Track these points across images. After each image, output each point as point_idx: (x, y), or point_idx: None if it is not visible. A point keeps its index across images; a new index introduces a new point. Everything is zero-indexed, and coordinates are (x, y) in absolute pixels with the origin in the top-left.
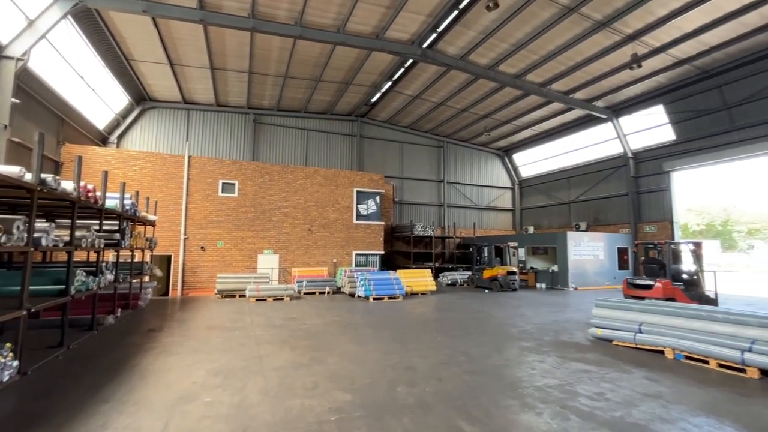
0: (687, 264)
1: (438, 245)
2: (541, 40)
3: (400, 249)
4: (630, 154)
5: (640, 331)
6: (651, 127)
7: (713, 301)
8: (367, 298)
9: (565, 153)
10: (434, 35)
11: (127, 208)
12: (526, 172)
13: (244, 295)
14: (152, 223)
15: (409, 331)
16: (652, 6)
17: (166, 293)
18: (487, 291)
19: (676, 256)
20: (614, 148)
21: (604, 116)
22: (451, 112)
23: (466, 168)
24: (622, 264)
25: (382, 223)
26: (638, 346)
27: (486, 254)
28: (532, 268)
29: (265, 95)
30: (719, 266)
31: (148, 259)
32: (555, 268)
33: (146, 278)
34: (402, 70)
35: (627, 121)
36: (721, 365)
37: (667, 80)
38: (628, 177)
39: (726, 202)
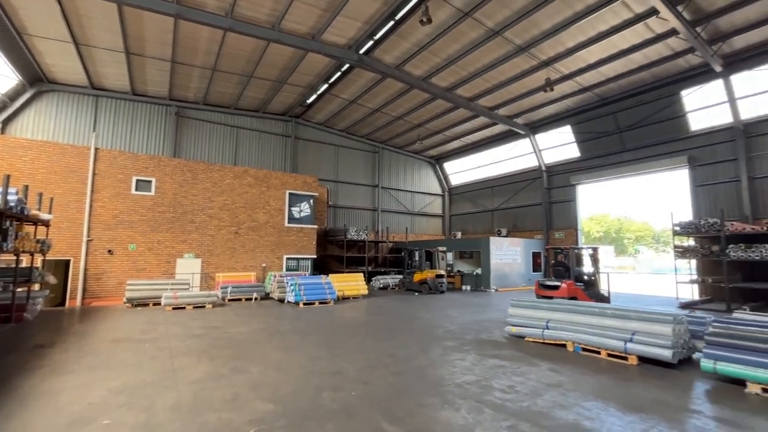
0: (587, 266)
1: (371, 249)
2: (469, 57)
3: (334, 253)
4: (544, 168)
5: (548, 328)
6: (561, 144)
7: (606, 299)
8: (297, 303)
9: (490, 164)
10: (371, 42)
11: (12, 204)
12: (455, 180)
13: (160, 304)
14: (46, 223)
15: (338, 336)
16: (563, 37)
17: (63, 303)
18: (416, 294)
19: (579, 260)
20: (531, 162)
21: (523, 132)
22: (386, 119)
23: (400, 174)
24: (536, 267)
25: (316, 226)
26: (545, 341)
27: (417, 258)
28: (458, 271)
29: (191, 87)
30: (612, 268)
31: (39, 264)
32: (479, 271)
33: (36, 286)
34: (339, 73)
35: (542, 138)
36: (609, 354)
37: (574, 104)
38: (542, 188)
39: (619, 213)
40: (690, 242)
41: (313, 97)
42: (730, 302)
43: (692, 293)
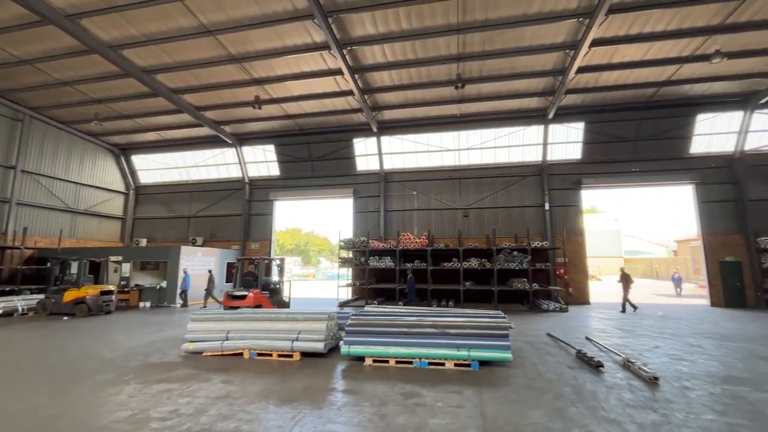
0: (275, 275)
1: None
2: (176, 45)
3: None
4: (247, 180)
5: (227, 339)
6: (265, 161)
7: (287, 305)
8: None
9: (192, 167)
10: None
11: None
12: (146, 177)
13: None
14: None
15: None
16: (273, 64)
17: None
18: (67, 318)
19: (268, 270)
20: (236, 172)
21: (230, 141)
22: (43, 79)
23: (60, 157)
24: (230, 278)
25: None
26: (224, 353)
27: (75, 271)
28: (136, 285)
29: None
30: (298, 276)
31: None
32: (164, 284)
33: None
34: None
35: (248, 151)
36: (280, 355)
37: (279, 127)
38: (244, 199)
39: (309, 228)
40: (350, 255)
41: None
42: (368, 299)
43: (348, 294)
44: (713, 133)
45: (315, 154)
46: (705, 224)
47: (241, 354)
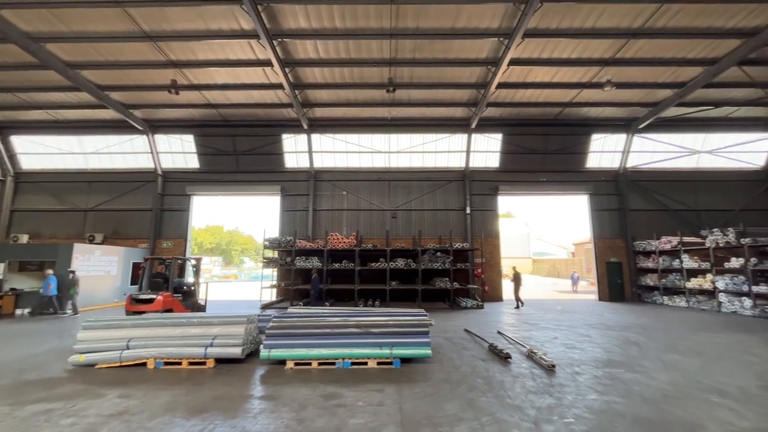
0: (189, 277)
1: None
2: (74, 12)
3: None
4: (160, 172)
5: (128, 348)
6: (182, 152)
7: (203, 308)
8: None
9: (92, 153)
10: None
11: None
12: (30, 163)
13: None
14: None
15: None
16: (195, 47)
17: None
18: None
19: (182, 270)
20: (146, 162)
21: (140, 128)
22: None
23: None
24: (136, 279)
25: None
26: (123, 364)
27: None
28: (12, 289)
29: None
30: (218, 277)
31: None
32: None
33: None
34: None
35: (162, 140)
36: (191, 363)
37: (200, 116)
38: (155, 193)
39: (232, 226)
40: (275, 254)
41: None
42: (293, 300)
43: (272, 295)
44: (604, 151)
45: (240, 148)
46: (596, 229)
47: (144, 364)
